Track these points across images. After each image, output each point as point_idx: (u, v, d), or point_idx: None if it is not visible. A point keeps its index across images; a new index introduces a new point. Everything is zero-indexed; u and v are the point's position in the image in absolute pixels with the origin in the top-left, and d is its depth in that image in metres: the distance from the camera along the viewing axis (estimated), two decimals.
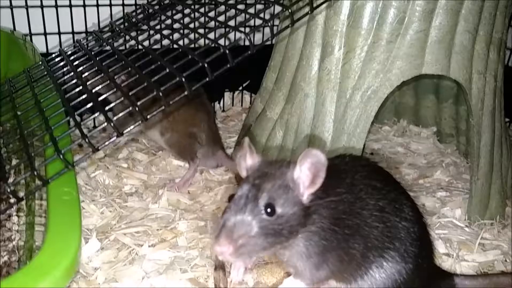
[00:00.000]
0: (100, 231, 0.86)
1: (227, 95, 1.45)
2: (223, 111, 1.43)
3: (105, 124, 0.62)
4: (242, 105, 1.45)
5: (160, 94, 0.60)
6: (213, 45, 0.68)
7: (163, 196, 0.97)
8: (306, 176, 0.56)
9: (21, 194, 0.80)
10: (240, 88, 1.46)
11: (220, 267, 0.77)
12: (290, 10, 0.68)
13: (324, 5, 0.84)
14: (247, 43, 0.66)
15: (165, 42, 0.79)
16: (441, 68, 0.85)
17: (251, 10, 0.73)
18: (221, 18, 0.76)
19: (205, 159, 1.08)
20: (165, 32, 0.80)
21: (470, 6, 0.83)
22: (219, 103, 1.44)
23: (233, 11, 0.78)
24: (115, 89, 0.68)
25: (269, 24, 0.64)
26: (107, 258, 0.80)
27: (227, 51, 0.60)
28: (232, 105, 1.45)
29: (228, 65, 0.62)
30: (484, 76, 0.89)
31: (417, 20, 0.82)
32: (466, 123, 1.16)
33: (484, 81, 0.89)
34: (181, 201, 0.97)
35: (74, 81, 0.76)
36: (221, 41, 0.67)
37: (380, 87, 0.86)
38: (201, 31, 0.75)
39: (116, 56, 0.79)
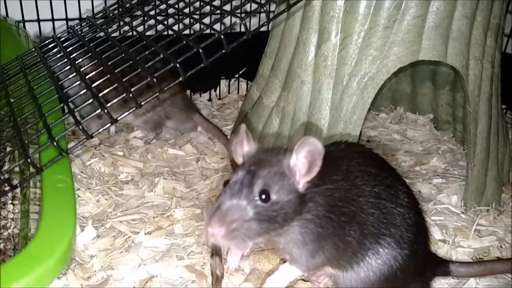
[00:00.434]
0: (96, 219, 0.85)
1: (223, 82, 1.44)
2: (219, 98, 1.42)
3: (99, 110, 0.61)
4: (238, 93, 1.44)
5: (154, 80, 0.59)
6: (207, 30, 0.67)
7: (159, 184, 0.96)
8: (302, 164, 0.55)
9: (16, 182, 0.79)
10: (237, 75, 1.45)
11: (217, 253, 0.77)
12: None
13: None
14: (243, 29, 0.65)
15: (160, 27, 0.78)
16: (438, 54, 0.84)
17: None
18: (217, 3, 0.75)
19: (183, 124, 1.18)
20: (160, 17, 0.79)
21: None
22: (215, 90, 1.43)
23: None
24: (108, 76, 0.67)
25: (265, 8, 0.63)
26: (103, 245, 0.80)
27: (222, 36, 0.60)
28: (229, 93, 1.44)
29: (223, 51, 0.61)
30: (481, 62, 0.88)
31: (414, 6, 0.81)
32: (463, 110, 1.15)
33: (481, 67, 0.89)
34: (177, 189, 0.97)
35: (67, 68, 0.76)
36: (217, 27, 0.66)
37: (377, 73, 0.85)
38: (197, 17, 0.74)
39: (110, 42, 0.78)
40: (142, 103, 0.60)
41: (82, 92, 0.69)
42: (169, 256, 0.77)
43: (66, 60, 0.79)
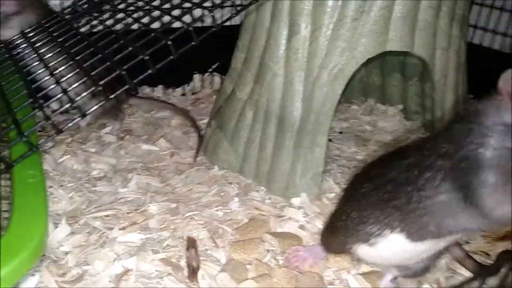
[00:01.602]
0: (69, 216, 0.85)
1: (197, 77, 1.44)
2: (193, 93, 1.42)
3: (68, 105, 0.61)
4: (212, 87, 1.44)
5: (123, 72, 0.59)
6: (178, 23, 0.67)
7: (133, 179, 0.96)
8: None
9: None
10: (210, 70, 1.45)
11: (192, 246, 0.78)
12: None
13: None
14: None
15: (130, 21, 0.78)
16: (405, 45, 0.86)
17: None
18: None
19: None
20: (129, 11, 0.79)
21: None
22: (188, 85, 1.43)
23: None
24: (78, 70, 0.67)
25: (232, 1, 0.64)
26: (77, 242, 0.79)
27: (191, 28, 0.60)
28: (202, 87, 1.44)
29: (193, 43, 0.61)
30: (447, 52, 0.91)
31: None
32: (431, 99, 1.18)
33: (447, 57, 0.91)
34: (151, 184, 0.97)
35: (36, 63, 0.75)
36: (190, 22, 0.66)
37: (346, 65, 0.87)
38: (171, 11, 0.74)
39: (79, 37, 0.77)
40: (111, 96, 0.60)
41: (52, 86, 0.69)
42: (144, 250, 0.77)
43: (35, 55, 0.78)
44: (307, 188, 0.92)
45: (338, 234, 0.70)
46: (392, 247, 0.63)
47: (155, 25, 0.77)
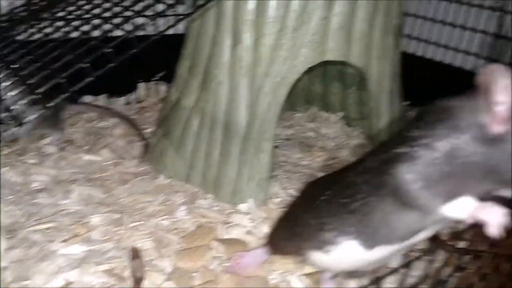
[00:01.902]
0: (7, 230, 0.81)
1: (142, 85, 1.43)
2: (138, 102, 1.40)
3: (4, 114, 0.59)
4: (158, 96, 1.43)
5: (62, 80, 0.58)
6: (119, 32, 0.67)
7: (74, 191, 0.93)
8: None
9: None
10: (156, 78, 1.44)
11: (136, 256, 0.77)
12: None
13: None
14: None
15: (69, 29, 0.76)
16: (342, 55, 0.90)
17: None
18: (128, 4, 0.75)
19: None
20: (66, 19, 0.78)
21: None
22: (133, 94, 1.41)
23: None
24: (15, 78, 0.65)
25: (173, 9, 0.64)
26: (16, 256, 0.76)
27: (131, 36, 0.60)
28: (148, 96, 1.43)
29: (134, 50, 0.61)
30: (382, 61, 0.96)
31: (319, 8, 0.86)
32: (369, 107, 1.23)
33: (382, 66, 0.96)
34: (94, 195, 0.94)
35: None
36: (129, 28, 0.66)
37: (288, 73, 0.89)
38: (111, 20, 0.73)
39: (16, 45, 0.75)
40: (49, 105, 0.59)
41: None
42: (87, 262, 0.76)
43: None
44: (253, 193, 0.93)
45: (294, 239, 0.69)
46: (346, 254, 0.62)
47: (97, 33, 0.76)
